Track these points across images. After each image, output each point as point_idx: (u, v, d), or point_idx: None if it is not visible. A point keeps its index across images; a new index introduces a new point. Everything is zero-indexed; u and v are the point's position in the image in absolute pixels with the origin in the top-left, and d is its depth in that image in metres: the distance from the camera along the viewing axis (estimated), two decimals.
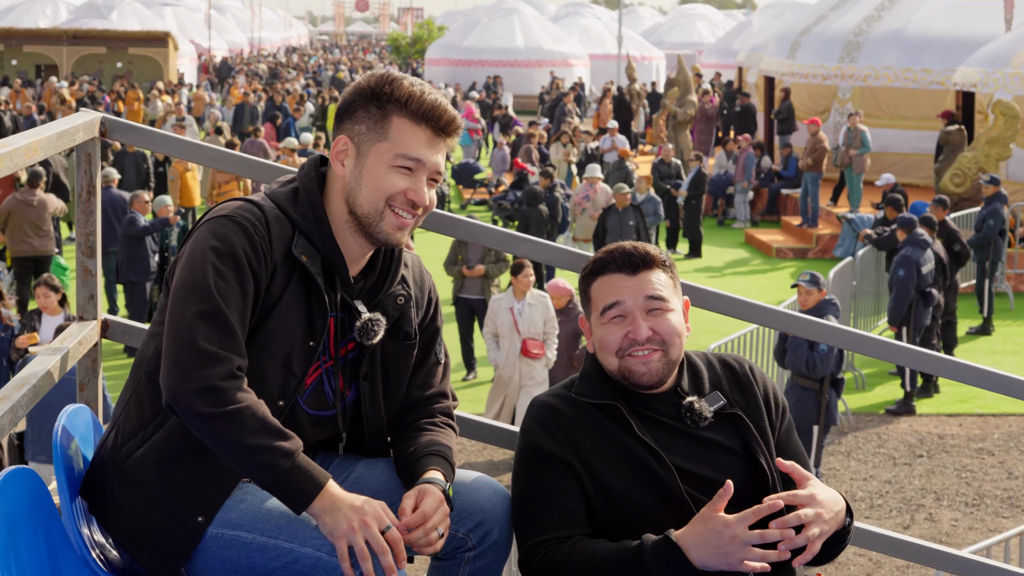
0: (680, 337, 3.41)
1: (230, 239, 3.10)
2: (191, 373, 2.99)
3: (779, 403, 3.56)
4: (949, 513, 12.38)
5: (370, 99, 3.23)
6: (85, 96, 41.70)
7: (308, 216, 3.23)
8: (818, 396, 12.10)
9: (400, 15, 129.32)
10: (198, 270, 3.07)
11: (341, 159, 3.25)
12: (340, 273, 3.25)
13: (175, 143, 4.07)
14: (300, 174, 3.31)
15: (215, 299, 3.04)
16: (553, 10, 75.75)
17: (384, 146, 3.21)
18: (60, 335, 3.79)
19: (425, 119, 3.23)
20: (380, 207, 3.22)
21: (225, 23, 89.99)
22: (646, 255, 3.41)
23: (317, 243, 3.22)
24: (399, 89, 3.23)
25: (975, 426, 15.04)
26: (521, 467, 3.40)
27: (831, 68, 31.38)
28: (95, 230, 3.93)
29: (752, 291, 20.89)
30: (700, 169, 25.24)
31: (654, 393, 3.42)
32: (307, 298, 3.20)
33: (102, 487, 3.21)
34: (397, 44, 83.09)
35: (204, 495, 3.13)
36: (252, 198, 3.24)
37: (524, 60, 55.44)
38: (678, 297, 3.46)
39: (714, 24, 72.63)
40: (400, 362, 3.39)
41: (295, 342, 3.19)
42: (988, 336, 19.12)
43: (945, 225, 17.26)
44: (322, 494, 3.00)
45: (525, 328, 13.37)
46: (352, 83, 3.33)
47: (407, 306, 3.38)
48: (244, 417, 2.98)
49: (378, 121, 3.22)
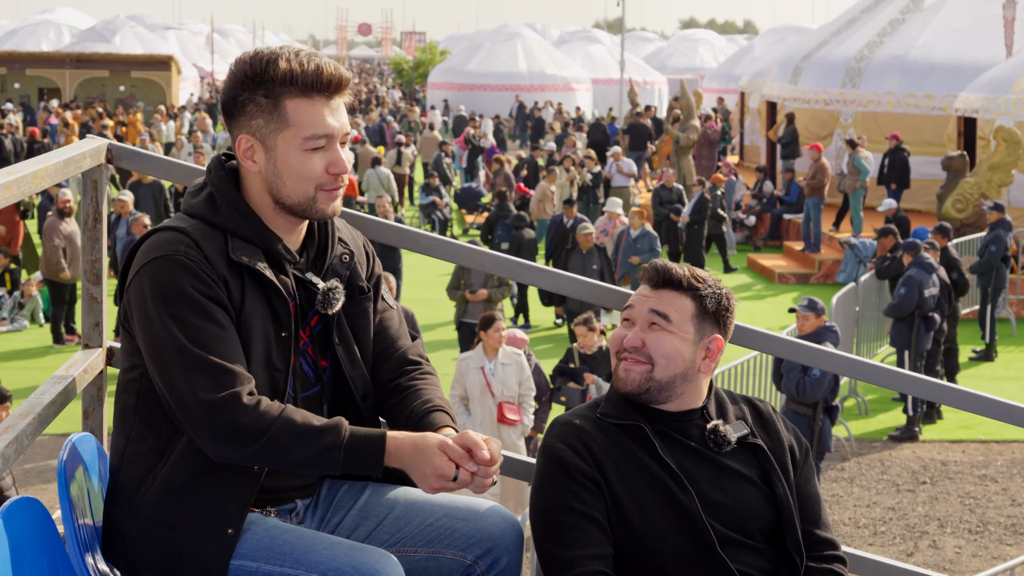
0: (669, 360, 3.37)
1: (171, 281, 3.05)
2: (214, 430, 2.99)
3: (803, 446, 3.57)
4: (953, 540, 12.35)
5: (254, 88, 3.13)
6: (89, 120, 41.77)
7: (233, 217, 3.17)
8: (811, 422, 12.08)
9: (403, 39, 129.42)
10: (159, 329, 3.03)
11: (250, 156, 3.17)
12: (285, 256, 3.22)
13: (181, 169, 4.06)
14: (209, 177, 3.24)
15: (190, 350, 3.01)
16: (556, 35, 75.97)
17: (289, 133, 3.14)
18: (66, 363, 3.78)
19: (316, 89, 3.14)
20: (311, 194, 3.18)
21: (228, 47, 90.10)
22: (668, 275, 3.42)
23: (252, 238, 3.17)
24: (279, 69, 3.11)
25: (979, 453, 15.01)
26: (546, 481, 3.36)
27: (833, 93, 31.42)
28: (101, 257, 3.91)
29: (754, 316, 20.87)
30: (703, 194, 25.25)
31: (679, 411, 3.42)
32: (264, 293, 3.17)
33: (123, 539, 3.19)
34: (400, 68, 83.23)
35: (227, 507, 3.11)
36: (172, 224, 3.17)
37: (527, 84, 55.47)
38: (698, 328, 3.42)
39: (716, 49, 72.78)
40: (363, 318, 3.38)
41: (270, 339, 3.17)
42: (991, 362, 19.10)
43: (946, 253, 17.26)
44: (387, 453, 3.04)
45: (499, 390, 11.94)
46: (228, 76, 3.18)
47: (353, 262, 3.36)
48: (279, 439, 2.99)
49: (272, 110, 3.13)
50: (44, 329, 20.25)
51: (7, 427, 3.25)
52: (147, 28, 68.94)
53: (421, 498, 3.38)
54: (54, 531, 3.17)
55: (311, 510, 3.38)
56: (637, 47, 77.36)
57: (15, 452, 3.21)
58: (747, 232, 29.19)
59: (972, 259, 19.63)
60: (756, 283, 25.31)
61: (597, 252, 18.84)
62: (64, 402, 3.57)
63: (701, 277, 3.44)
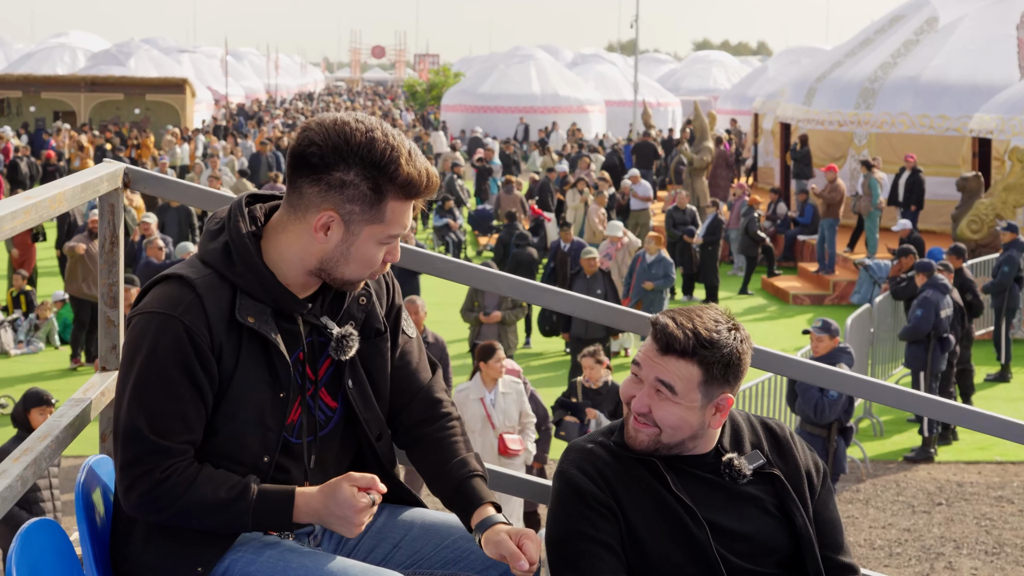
0: (676, 430, 3.32)
1: (154, 347, 3.05)
2: (125, 495, 3.08)
3: (820, 468, 3.54)
4: (969, 562, 12.32)
5: (364, 174, 3.07)
6: (104, 143, 41.88)
7: (246, 275, 3.13)
8: (826, 443, 12.07)
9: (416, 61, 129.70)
10: (125, 390, 3.08)
11: (323, 230, 3.12)
12: (296, 309, 3.20)
13: (197, 193, 4.07)
14: (229, 224, 3.18)
15: (131, 419, 3.05)
16: (569, 56, 75.97)
17: (378, 228, 3.12)
18: (83, 386, 3.79)
19: (417, 196, 3.14)
20: (363, 277, 3.21)
21: (242, 69, 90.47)
22: (671, 344, 3.30)
23: (262, 297, 3.14)
24: (399, 172, 3.07)
25: (994, 474, 14.98)
26: (561, 507, 3.35)
27: (847, 114, 31.42)
28: (118, 280, 3.92)
29: (769, 338, 20.86)
30: (717, 215, 25.25)
31: (693, 455, 3.39)
32: (264, 354, 3.14)
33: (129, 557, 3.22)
34: (413, 90, 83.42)
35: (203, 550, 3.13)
36: (184, 272, 3.13)
37: (540, 106, 55.56)
38: (705, 393, 3.33)
39: (730, 70, 72.86)
40: (379, 358, 3.36)
41: (264, 400, 3.15)
42: (1007, 383, 19.07)
43: (961, 274, 17.24)
44: (296, 513, 3.10)
45: (500, 422, 11.79)
46: (331, 134, 3.07)
47: (370, 303, 3.34)
48: (189, 512, 3.06)
49: (374, 204, 3.09)
50: (60, 351, 20.30)
51: (25, 450, 3.27)
52: (161, 51, 69.18)
53: (438, 520, 3.39)
54: (72, 553, 3.19)
55: (329, 532, 3.38)
56: (650, 69, 77.46)
57: (33, 474, 3.22)
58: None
59: (987, 280, 19.62)
60: (770, 304, 25.29)
61: (602, 276, 18.45)
62: (81, 425, 3.59)
63: (708, 341, 3.30)
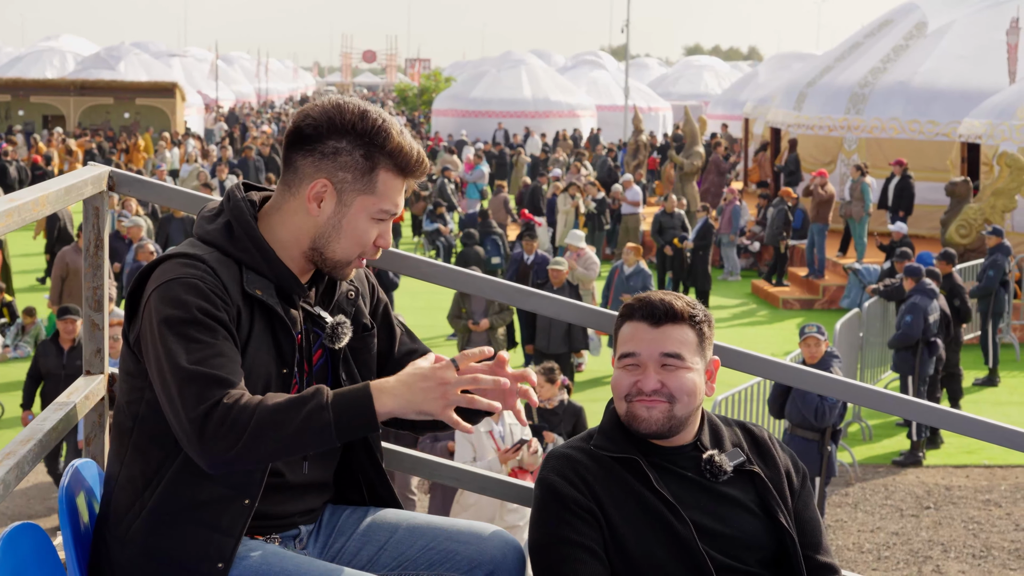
0: (691, 396, 3.38)
1: (183, 302, 3.03)
2: (201, 441, 2.93)
3: (800, 469, 3.57)
4: (956, 565, 12.33)
5: (356, 143, 3.15)
6: (94, 148, 41.83)
7: (249, 250, 3.18)
8: (819, 448, 12.08)
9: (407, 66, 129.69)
10: (160, 348, 3.02)
11: (318, 201, 3.18)
12: (296, 291, 3.23)
13: (183, 197, 4.07)
14: (229, 205, 3.23)
15: (183, 365, 2.97)
16: (561, 61, 76.09)
17: (370, 200, 3.18)
18: (67, 389, 3.79)
19: (408, 171, 3.20)
20: (352, 257, 3.22)
21: (232, 73, 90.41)
22: (670, 309, 3.38)
23: (266, 273, 3.18)
24: (390, 140, 3.17)
25: (982, 477, 15.00)
26: (542, 515, 3.37)
27: (837, 119, 31.46)
28: (102, 284, 3.92)
29: (758, 342, 20.87)
30: (707, 220, 25.27)
31: (673, 447, 3.42)
32: (271, 328, 3.17)
33: (110, 562, 3.19)
34: (404, 95, 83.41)
35: (219, 542, 3.10)
36: (186, 250, 3.15)
37: (531, 111, 55.54)
38: (702, 356, 3.43)
39: (720, 75, 72.97)
40: (366, 353, 3.39)
41: (270, 374, 3.17)
42: (994, 387, 19.09)
43: (950, 279, 17.26)
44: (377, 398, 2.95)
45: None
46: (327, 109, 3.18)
47: (358, 299, 3.38)
48: (264, 424, 2.92)
49: (365, 173, 3.16)
50: None
51: (8, 453, 3.26)
52: (151, 55, 69.14)
53: (423, 522, 3.40)
54: (55, 558, 3.18)
55: (314, 536, 3.38)
56: (642, 73, 77.54)
57: (16, 478, 3.22)
58: (751, 258, 29.18)
59: (975, 284, 19.65)
60: (760, 309, 25.31)
61: (569, 288, 17.74)
62: (65, 428, 3.58)
63: (693, 303, 3.44)
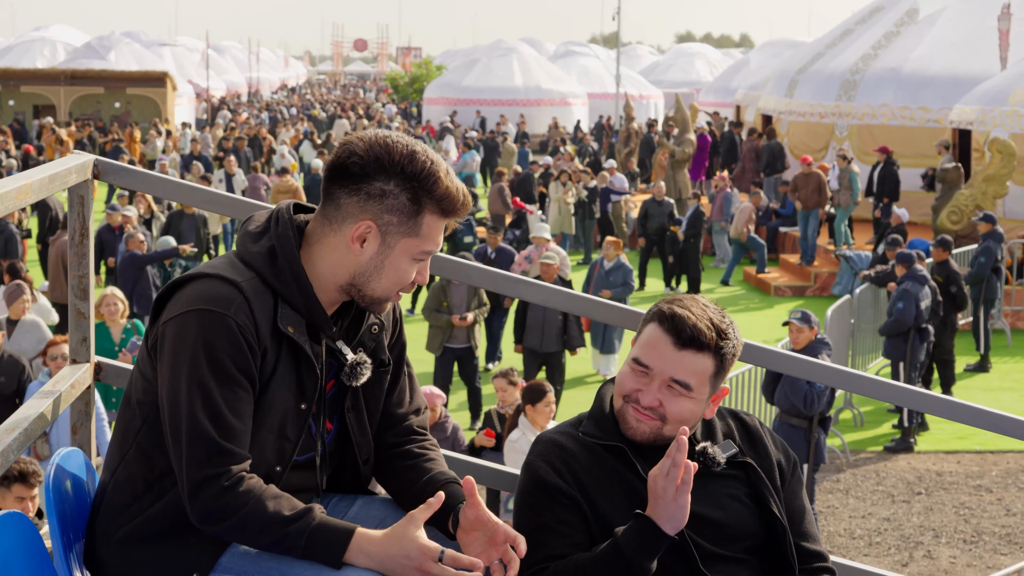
0: (684, 423, 3.36)
1: (211, 343, 3.03)
2: (190, 503, 3.02)
3: (790, 458, 3.57)
4: (948, 550, 12.35)
5: (404, 185, 3.10)
6: (84, 138, 41.73)
7: (290, 284, 3.14)
8: (807, 434, 12.07)
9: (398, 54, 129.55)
10: (181, 385, 3.03)
11: (361, 241, 3.14)
12: (324, 330, 3.21)
13: (169, 185, 4.06)
14: (276, 231, 3.18)
15: (199, 419, 3.00)
16: (552, 49, 75.96)
17: (414, 242, 3.15)
18: (53, 378, 3.78)
19: (451, 214, 3.17)
20: (391, 295, 3.21)
21: (223, 63, 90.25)
22: (697, 337, 3.33)
23: (300, 309, 3.15)
24: (438, 186, 3.11)
25: (973, 463, 15.02)
26: (525, 501, 3.40)
27: (828, 106, 31.45)
28: (88, 272, 3.91)
29: (750, 329, 20.87)
30: (699, 207, 25.24)
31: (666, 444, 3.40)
32: (296, 365, 3.16)
33: (93, 553, 3.21)
34: (395, 83, 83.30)
35: (199, 556, 3.13)
36: (227, 273, 3.12)
37: (523, 99, 55.53)
38: (713, 385, 3.40)
39: (712, 63, 72.89)
40: (377, 387, 3.36)
41: (288, 410, 3.17)
42: (986, 373, 19.11)
43: (946, 266, 17.25)
44: (353, 551, 3.01)
45: None
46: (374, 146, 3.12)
47: (381, 334, 3.35)
48: (249, 524, 3.00)
49: (411, 216, 3.12)
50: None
51: None
52: (142, 45, 69.00)
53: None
54: (41, 547, 3.17)
55: None
56: (633, 61, 77.51)
57: (0, 467, 3.21)
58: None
59: (966, 271, 19.66)
60: (752, 296, 25.32)
61: (561, 284, 16.57)
62: (52, 418, 3.57)
63: (726, 334, 3.38)
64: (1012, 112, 25.39)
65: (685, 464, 3.14)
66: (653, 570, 3.21)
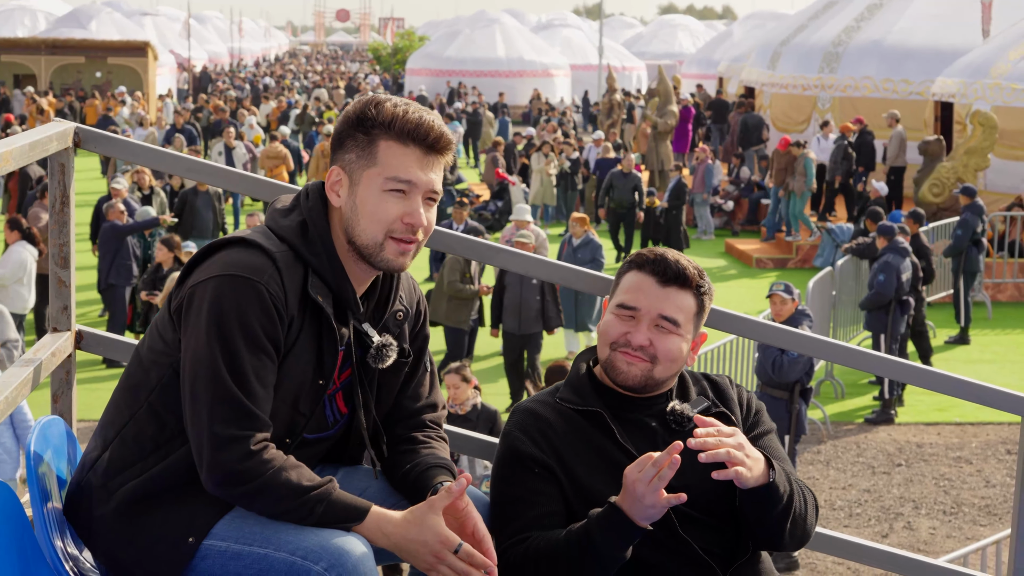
0: (674, 362, 3.41)
1: (240, 307, 3.05)
2: (212, 464, 3.02)
3: (752, 406, 3.58)
4: (927, 522, 12.41)
5: (356, 126, 3.18)
6: (65, 107, 41.57)
7: (321, 255, 3.18)
8: (788, 406, 12.08)
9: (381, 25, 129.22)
10: (205, 347, 3.04)
11: (336, 190, 3.20)
12: (351, 307, 3.22)
13: (150, 153, 4.05)
14: (306, 205, 3.23)
15: (224, 379, 3.02)
16: (534, 20, 75.85)
17: (374, 171, 3.17)
18: (34, 347, 3.77)
19: (412, 138, 3.17)
20: (380, 239, 3.18)
21: (205, 33, 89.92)
22: (681, 273, 3.41)
23: (330, 281, 3.18)
24: (383, 111, 3.17)
25: (953, 435, 15.07)
26: (501, 472, 3.41)
27: (811, 79, 31.48)
28: (69, 241, 3.90)
29: (732, 301, 20.90)
30: (680, 179, 25.22)
31: (639, 398, 3.44)
32: (318, 338, 3.17)
33: (88, 510, 3.19)
34: (378, 54, 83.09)
35: (196, 518, 3.12)
36: (262, 242, 3.14)
37: (505, 70, 55.45)
38: (695, 326, 3.46)
39: (695, 35, 72.87)
40: (393, 376, 3.37)
41: (305, 383, 3.18)
42: (966, 345, 19.16)
43: (917, 239, 17.27)
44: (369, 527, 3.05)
45: None
46: (345, 113, 3.25)
47: (404, 322, 3.37)
48: (268, 491, 3.02)
49: (366, 147, 3.17)
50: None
51: None
52: (123, 14, 68.60)
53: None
54: (22, 515, 3.16)
55: None
56: (616, 33, 77.35)
57: None
58: (725, 217, 29.14)
59: (947, 243, 19.70)
60: (734, 268, 25.34)
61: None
62: (32, 385, 3.56)
63: (702, 272, 3.47)
64: (994, 84, 25.43)
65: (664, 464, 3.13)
66: (627, 558, 3.22)
